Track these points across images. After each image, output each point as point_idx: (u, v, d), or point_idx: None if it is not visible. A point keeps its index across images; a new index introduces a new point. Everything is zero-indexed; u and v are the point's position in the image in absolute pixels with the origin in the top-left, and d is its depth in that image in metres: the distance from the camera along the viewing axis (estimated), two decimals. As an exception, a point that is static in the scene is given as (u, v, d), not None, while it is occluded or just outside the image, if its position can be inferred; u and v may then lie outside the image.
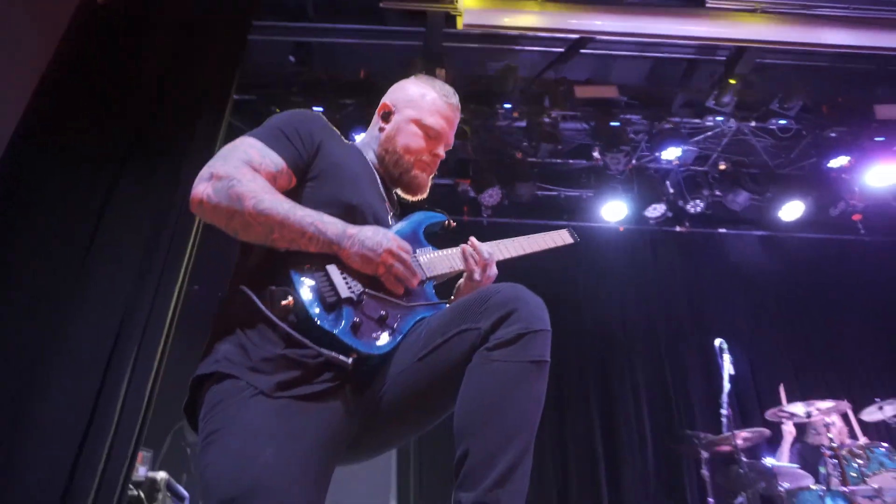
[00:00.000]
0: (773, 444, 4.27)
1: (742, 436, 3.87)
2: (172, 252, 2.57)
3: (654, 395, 5.37)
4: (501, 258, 1.56)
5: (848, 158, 5.10)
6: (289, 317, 1.22)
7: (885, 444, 3.64)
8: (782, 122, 5.01)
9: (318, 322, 1.20)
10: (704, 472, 3.90)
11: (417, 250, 1.45)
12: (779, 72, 4.94)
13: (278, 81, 4.48)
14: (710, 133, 5.06)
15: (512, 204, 5.16)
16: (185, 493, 3.18)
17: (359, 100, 4.50)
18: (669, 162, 5.09)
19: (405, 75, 1.70)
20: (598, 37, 4.49)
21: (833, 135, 5.11)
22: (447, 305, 1.35)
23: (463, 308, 1.22)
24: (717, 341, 4.10)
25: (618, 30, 4.45)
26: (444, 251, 1.50)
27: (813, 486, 3.61)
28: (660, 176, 5.38)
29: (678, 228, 5.72)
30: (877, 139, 5.11)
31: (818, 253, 5.86)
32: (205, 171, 1.27)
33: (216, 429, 1.16)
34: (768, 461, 3.90)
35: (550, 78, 4.78)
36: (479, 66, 4.70)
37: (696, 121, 4.98)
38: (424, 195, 1.60)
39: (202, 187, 1.25)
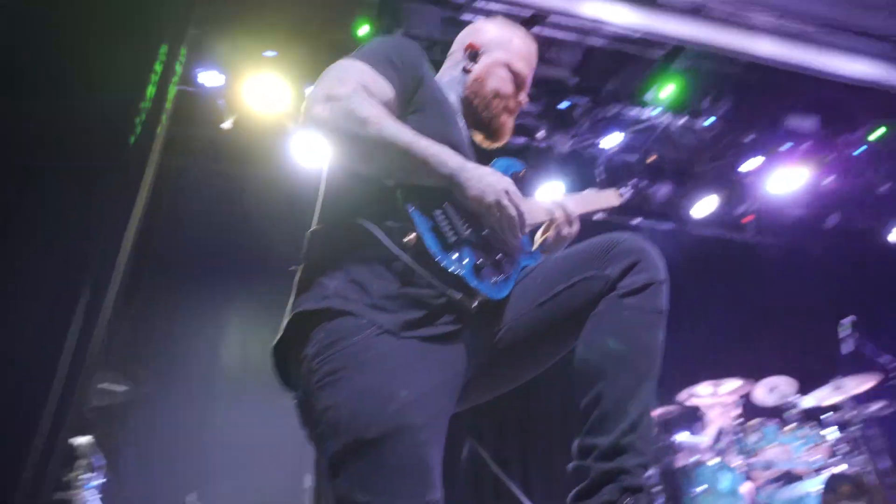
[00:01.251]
0: (692, 422, 4.62)
1: (653, 413, 4.19)
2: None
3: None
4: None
5: (762, 159, 5.53)
6: (398, 256, 1.14)
7: (775, 420, 4.08)
8: (707, 122, 5.35)
9: (442, 262, 1.14)
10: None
11: None
12: (708, 73, 5.26)
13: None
14: (642, 125, 5.30)
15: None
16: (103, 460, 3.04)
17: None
18: (604, 149, 5.27)
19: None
20: (551, 16, 4.53)
21: (748, 139, 5.53)
22: (553, 254, 1.35)
23: (586, 255, 1.23)
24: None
25: (572, 11, 4.50)
26: (537, 202, 1.47)
27: (710, 462, 3.99)
28: (590, 161, 5.57)
29: (598, 216, 5.96)
30: (784, 146, 5.60)
31: (719, 249, 6.35)
32: (318, 91, 1.17)
33: (340, 367, 1.10)
34: (679, 437, 4.23)
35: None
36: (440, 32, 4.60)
37: (633, 112, 5.20)
38: (505, 141, 1.54)
39: (319, 108, 1.15)
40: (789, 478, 3.88)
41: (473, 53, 1.52)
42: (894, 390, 4.34)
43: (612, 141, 5.14)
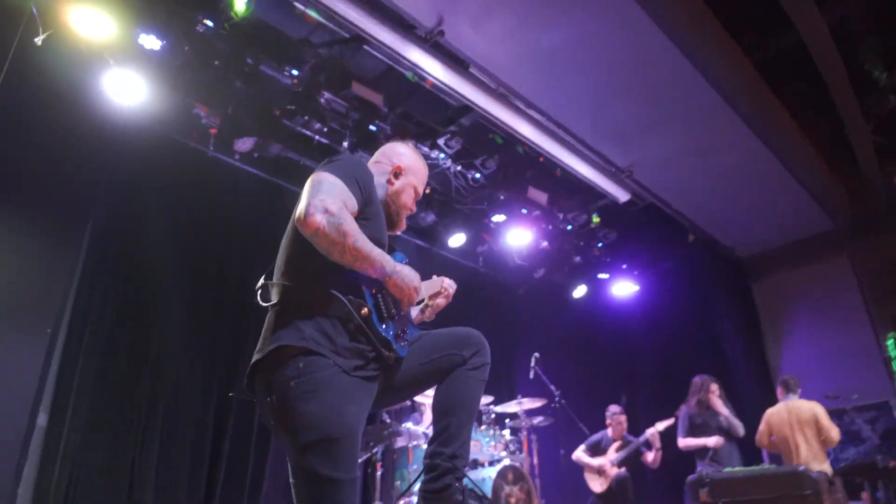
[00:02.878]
0: (415, 414, 5.53)
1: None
2: None
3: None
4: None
5: (504, 217, 6.93)
6: (354, 320, 1.71)
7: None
8: (477, 175, 6.53)
9: (380, 330, 1.74)
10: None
11: None
12: (487, 137, 6.44)
13: None
14: (430, 162, 6.25)
15: (261, 157, 5.41)
16: None
17: None
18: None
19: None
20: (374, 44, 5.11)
21: (501, 197, 6.87)
22: (432, 331, 2.03)
23: (452, 339, 1.97)
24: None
25: (395, 47, 5.15)
26: (426, 282, 2.12)
27: (424, 446, 4.99)
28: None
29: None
30: (523, 210, 7.09)
31: (457, 272, 7.62)
32: (318, 203, 1.68)
33: (313, 389, 1.66)
34: (406, 424, 5.15)
35: (337, 58, 5.26)
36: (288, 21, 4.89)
37: (425, 148, 6.11)
38: (401, 231, 2.19)
39: (319, 218, 1.66)
40: (475, 464, 5.08)
41: (397, 173, 2.14)
42: (554, 411, 5.94)
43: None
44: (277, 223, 2.16)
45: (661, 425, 6.08)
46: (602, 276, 8.72)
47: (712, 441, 5.61)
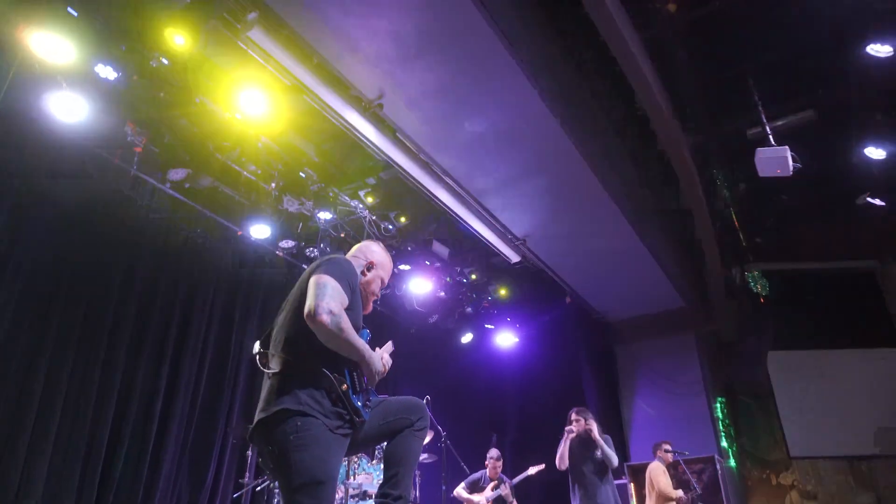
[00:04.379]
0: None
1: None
2: None
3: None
4: None
5: (409, 267, 7.54)
6: (337, 392, 2.22)
7: (367, 456, 5.76)
8: (390, 226, 7.11)
9: (354, 400, 2.27)
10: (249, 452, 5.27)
11: None
12: (402, 194, 7.06)
13: None
14: (350, 209, 6.76)
15: (191, 188, 5.67)
16: None
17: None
18: (321, 219, 6.53)
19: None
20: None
21: (409, 249, 7.49)
22: (388, 398, 2.56)
23: (403, 406, 2.52)
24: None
25: (328, 103, 5.62)
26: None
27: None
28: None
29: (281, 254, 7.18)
30: (426, 262, 7.75)
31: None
32: (325, 306, 2.17)
33: (306, 443, 2.13)
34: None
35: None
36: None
37: (346, 198, 6.61)
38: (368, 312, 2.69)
39: (325, 317, 2.16)
40: (364, 495, 5.54)
41: (370, 266, 2.68)
42: (439, 449, 6.52)
43: (325, 215, 6.44)
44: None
45: (534, 470, 6.83)
46: (488, 326, 9.55)
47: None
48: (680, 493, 6.39)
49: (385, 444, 2.50)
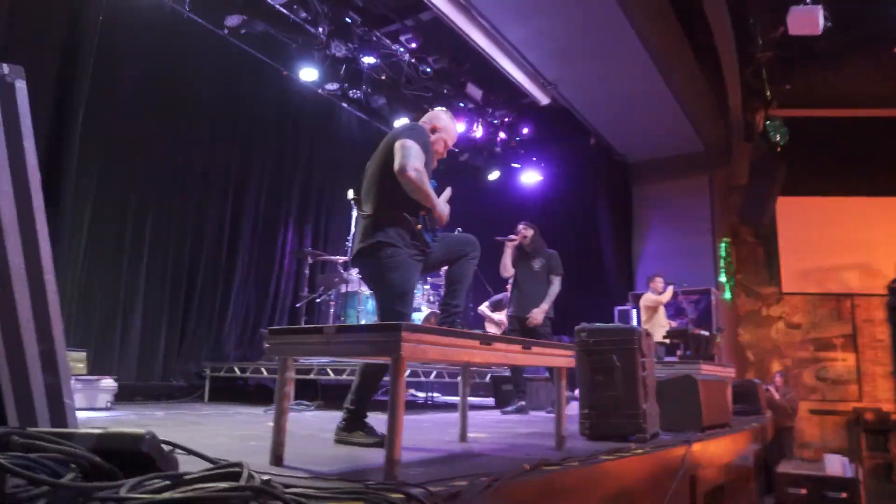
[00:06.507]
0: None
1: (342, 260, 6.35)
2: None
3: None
4: None
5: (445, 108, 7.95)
6: (413, 230, 2.89)
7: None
8: (427, 69, 7.43)
9: (426, 236, 2.93)
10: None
11: None
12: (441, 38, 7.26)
13: None
14: (391, 52, 7.07)
15: (246, 33, 6.00)
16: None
17: None
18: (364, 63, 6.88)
19: None
20: None
21: (445, 91, 7.85)
22: (449, 234, 3.18)
23: (461, 241, 3.13)
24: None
25: None
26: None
27: (367, 291, 6.36)
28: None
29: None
30: (461, 104, 8.13)
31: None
32: (412, 164, 2.71)
33: (397, 265, 2.80)
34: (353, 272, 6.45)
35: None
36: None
37: (386, 43, 6.89)
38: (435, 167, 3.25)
39: (412, 173, 2.70)
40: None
41: (433, 130, 3.15)
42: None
43: (368, 59, 6.79)
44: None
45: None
46: (515, 165, 10.13)
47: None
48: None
49: (446, 268, 3.27)
